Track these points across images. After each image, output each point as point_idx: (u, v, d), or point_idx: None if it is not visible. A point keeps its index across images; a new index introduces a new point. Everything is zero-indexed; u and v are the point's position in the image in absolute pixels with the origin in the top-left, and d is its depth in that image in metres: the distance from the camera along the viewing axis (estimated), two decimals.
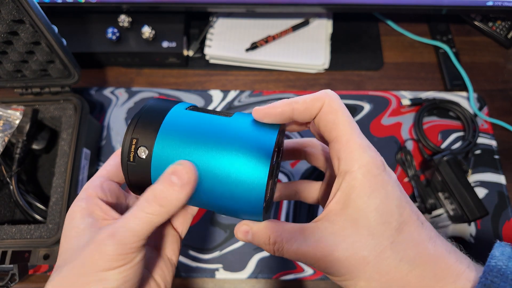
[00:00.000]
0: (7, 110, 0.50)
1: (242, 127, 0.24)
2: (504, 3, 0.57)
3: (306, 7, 0.58)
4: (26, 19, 0.44)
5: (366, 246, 0.21)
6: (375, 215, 0.21)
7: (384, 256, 0.21)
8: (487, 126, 0.60)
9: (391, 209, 0.21)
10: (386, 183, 0.22)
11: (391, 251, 0.21)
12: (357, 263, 0.21)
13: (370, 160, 0.22)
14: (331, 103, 0.22)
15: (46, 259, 0.45)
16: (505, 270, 0.20)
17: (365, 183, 0.21)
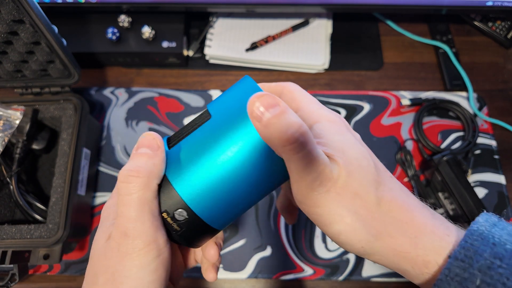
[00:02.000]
0: (7, 110, 0.50)
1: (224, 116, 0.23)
2: (504, 3, 0.57)
3: (306, 7, 0.58)
4: (26, 19, 0.44)
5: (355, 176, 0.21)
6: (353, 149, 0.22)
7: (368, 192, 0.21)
8: (487, 126, 0.60)
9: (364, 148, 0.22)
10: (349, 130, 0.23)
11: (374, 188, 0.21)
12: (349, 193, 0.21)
13: (330, 113, 0.23)
14: (289, 87, 0.25)
15: (46, 259, 0.45)
16: (486, 234, 0.20)
17: (332, 127, 0.22)
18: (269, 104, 0.19)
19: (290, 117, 0.19)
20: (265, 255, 0.52)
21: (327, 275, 0.51)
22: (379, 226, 0.21)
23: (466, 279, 0.19)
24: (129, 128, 0.60)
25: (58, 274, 0.52)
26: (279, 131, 0.18)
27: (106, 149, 0.59)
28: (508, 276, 0.18)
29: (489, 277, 0.18)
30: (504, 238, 0.20)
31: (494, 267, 0.18)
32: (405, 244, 0.21)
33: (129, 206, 0.20)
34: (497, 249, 0.19)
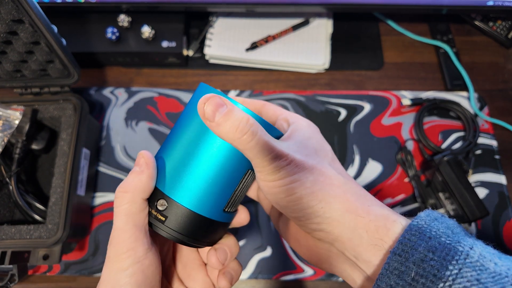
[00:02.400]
0: (7, 110, 0.50)
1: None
2: (504, 3, 0.57)
3: (306, 7, 0.58)
4: (26, 19, 0.44)
5: (314, 158, 0.25)
6: (316, 143, 0.27)
7: (326, 168, 0.25)
8: (487, 126, 0.60)
9: (326, 146, 0.27)
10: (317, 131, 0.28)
11: (331, 167, 0.25)
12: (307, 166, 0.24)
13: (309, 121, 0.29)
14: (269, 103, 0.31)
15: (45, 259, 0.45)
16: (425, 228, 0.21)
17: (306, 127, 0.27)
18: (218, 104, 0.22)
19: (237, 113, 0.22)
20: (265, 255, 0.52)
21: (327, 276, 0.51)
22: (338, 191, 0.24)
23: (403, 272, 0.20)
24: (128, 128, 0.60)
25: (58, 274, 0.52)
26: (230, 126, 0.22)
27: (105, 149, 0.59)
28: (438, 267, 0.19)
29: (422, 269, 0.20)
30: (440, 231, 0.21)
31: (426, 260, 0.20)
32: (360, 210, 0.23)
33: (117, 218, 0.24)
34: (431, 242, 0.20)
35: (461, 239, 0.20)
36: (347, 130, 0.60)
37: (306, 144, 0.26)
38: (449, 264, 0.19)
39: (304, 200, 0.23)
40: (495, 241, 0.52)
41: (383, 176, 0.56)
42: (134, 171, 0.25)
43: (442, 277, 0.19)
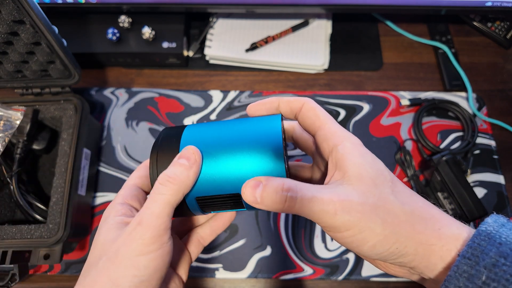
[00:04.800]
0: (8, 111, 0.50)
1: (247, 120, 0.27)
2: (503, 4, 0.57)
3: (305, 8, 0.59)
4: (27, 20, 0.44)
5: (373, 194, 0.23)
6: (372, 169, 0.24)
7: (389, 201, 0.23)
8: (486, 126, 0.60)
9: (381, 166, 0.25)
10: (368, 151, 0.26)
11: (394, 197, 0.23)
12: (370, 208, 0.23)
13: (351, 135, 0.26)
14: (309, 103, 0.27)
15: (46, 259, 0.45)
16: (494, 234, 0.21)
17: (354, 148, 0.25)
18: (253, 186, 0.23)
19: (272, 183, 0.23)
20: (265, 254, 0.52)
21: (326, 275, 0.51)
22: (407, 227, 0.23)
23: (473, 275, 0.20)
24: (129, 128, 0.60)
25: (59, 274, 0.52)
26: (269, 201, 0.23)
27: (106, 149, 0.59)
28: (511, 273, 0.20)
29: (493, 273, 0.20)
30: (510, 238, 0.21)
31: (498, 265, 0.20)
32: (431, 237, 0.23)
33: (156, 203, 0.24)
34: (502, 248, 0.21)
35: None
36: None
37: (361, 178, 0.23)
38: None
39: (378, 245, 0.23)
40: None
41: None
42: (183, 164, 0.25)
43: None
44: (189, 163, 0.24)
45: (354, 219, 0.22)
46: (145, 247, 0.23)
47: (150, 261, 0.23)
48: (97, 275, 0.23)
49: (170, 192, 0.24)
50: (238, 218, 0.54)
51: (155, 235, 0.23)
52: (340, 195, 0.23)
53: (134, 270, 0.22)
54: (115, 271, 0.23)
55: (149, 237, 0.23)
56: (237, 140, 0.26)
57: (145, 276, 0.23)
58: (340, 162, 0.24)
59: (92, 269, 0.24)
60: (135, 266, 0.23)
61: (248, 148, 0.25)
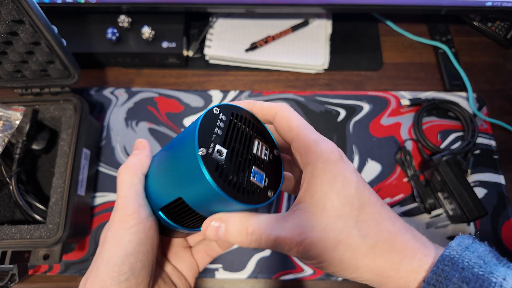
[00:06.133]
0: (7, 111, 0.50)
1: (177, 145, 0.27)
2: (503, 4, 0.57)
3: (305, 8, 0.59)
4: (26, 20, 0.44)
5: (336, 227, 0.23)
6: (339, 197, 0.23)
7: (351, 234, 0.23)
8: (486, 126, 0.60)
9: (351, 192, 0.24)
10: (344, 169, 0.24)
11: (357, 229, 0.23)
12: (331, 243, 0.23)
13: (326, 150, 0.24)
14: (283, 112, 0.26)
15: (46, 259, 0.45)
16: (457, 259, 0.22)
17: (325, 171, 0.24)
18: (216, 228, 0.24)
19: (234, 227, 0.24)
20: (265, 255, 0.52)
21: (326, 275, 0.51)
22: (366, 261, 0.23)
23: None
24: (129, 128, 0.60)
25: (58, 274, 0.52)
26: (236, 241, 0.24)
27: (106, 149, 0.59)
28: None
29: None
30: (473, 261, 0.22)
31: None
32: (390, 270, 0.23)
33: (120, 189, 0.27)
34: (465, 273, 0.21)
35: (493, 270, 0.21)
36: (346, 130, 0.60)
37: (324, 209, 0.23)
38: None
39: (337, 273, 0.25)
40: (494, 241, 0.53)
41: (382, 176, 0.56)
42: (134, 153, 0.29)
43: None
44: (138, 150, 0.29)
45: (314, 254, 0.23)
46: (124, 223, 0.25)
47: (132, 235, 0.25)
48: (94, 261, 0.26)
49: (128, 174, 0.27)
50: None
51: (130, 212, 0.26)
52: (301, 233, 0.23)
53: (120, 246, 0.25)
54: (106, 252, 0.25)
55: (126, 215, 0.26)
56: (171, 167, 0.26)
57: (130, 250, 0.25)
58: (308, 185, 0.24)
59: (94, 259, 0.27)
60: (120, 243, 0.25)
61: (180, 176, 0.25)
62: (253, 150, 0.26)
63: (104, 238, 0.27)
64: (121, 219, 0.26)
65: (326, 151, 0.24)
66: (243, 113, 0.27)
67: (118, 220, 0.26)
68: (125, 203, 0.26)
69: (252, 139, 0.26)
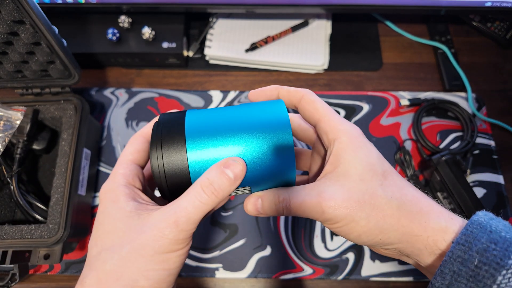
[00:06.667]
0: (8, 111, 0.50)
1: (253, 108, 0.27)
2: (502, 4, 0.57)
3: (305, 8, 0.59)
4: (27, 20, 0.44)
5: (359, 189, 0.25)
6: (362, 164, 0.25)
7: (376, 195, 0.25)
8: (485, 126, 0.60)
9: (374, 160, 0.26)
10: (366, 142, 0.27)
11: (382, 191, 0.25)
12: (356, 203, 0.24)
13: (350, 127, 0.27)
14: (308, 96, 0.28)
15: (46, 259, 0.45)
16: (485, 224, 0.23)
17: (349, 143, 0.26)
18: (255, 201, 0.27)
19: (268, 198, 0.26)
20: (265, 254, 0.52)
21: (326, 275, 0.51)
22: (392, 220, 0.24)
23: (467, 259, 0.22)
24: (129, 128, 0.60)
25: (59, 274, 0.52)
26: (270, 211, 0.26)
27: (106, 149, 0.59)
28: (501, 257, 0.21)
29: (485, 257, 0.22)
30: (500, 227, 0.23)
31: (489, 250, 0.22)
32: (417, 230, 0.24)
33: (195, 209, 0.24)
34: (493, 235, 0.22)
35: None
36: None
37: (348, 175, 0.25)
38: (511, 254, 0.21)
39: (363, 236, 0.25)
40: None
41: None
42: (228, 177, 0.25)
43: (504, 265, 0.21)
44: (234, 178, 0.24)
45: (340, 214, 0.24)
46: (177, 246, 0.24)
47: (179, 257, 0.24)
48: (123, 264, 0.23)
49: (210, 202, 0.24)
50: (238, 218, 0.54)
51: (188, 237, 0.24)
52: (326, 195, 0.25)
53: (165, 265, 0.24)
54: (145, 264, 0.23)
55: (182, 238, 0.24)
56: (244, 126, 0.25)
57: (173, 270, 0.24)
58: (334, 158, 0.26)
59: (115, 256, 0.24)
60: (166, 262, 0.24)
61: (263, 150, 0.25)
62: None
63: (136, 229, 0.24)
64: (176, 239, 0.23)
65: (349, 128, 0.27)
66: None
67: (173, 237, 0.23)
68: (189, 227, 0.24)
69: None
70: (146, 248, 0.23)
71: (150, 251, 0.23)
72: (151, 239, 0.23)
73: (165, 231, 0.23)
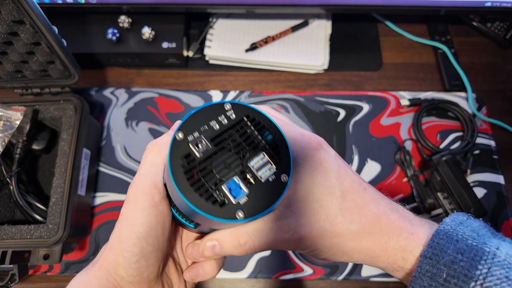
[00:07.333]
0: (8, 111, 0.50)
1: None
2: (502, 4, 0.57)
3: (305, 8, 0.59)
4: (26, 20, 0.44)
5: (320, 217, 0.24)
6: (319, 189, 0.25)
7: (336, 222, 0.24)
8: (485, 126, 0.60)
9: (332, 181, 0.25)
10: (324, 160, 0.25)
11: (341, 217, 0.25)
12: (317, 234, 0.24)
13: (305, 143, 0.26)
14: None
15: (46, 259, 0.45)
16: (451, 233, 0.23)
17: (305, 165, 0.25)
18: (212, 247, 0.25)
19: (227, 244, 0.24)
20: (265, 255, 0.52)
21: (326, 275, 0.51)
22: (353, 244, 0.25)
23: (435, 274, 0.22)
24: (129, 128, 0.60)
25: (58, 274, 0.52)
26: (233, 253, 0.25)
27: (106, 149, 0.59)
28: (468, 268, 0.21)
29: (453, 270, 0.21)
30: (467, 234, 0.23)
31: (456, 261, 0.21)
32: (378, 250, 0.25)
33: (142, 165, 0.26)
34: (459, 245, 0.22)
35: (486, 241, 0.22)
36: (346, 131, 0.60)
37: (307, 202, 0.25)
38: (478, 264, 0.21)
39: (329, 258, 0.26)
40: None
41: (382, 176, 0.57)
42: (168, 133, 0.27)
43: (473, 277, 0.20)
44: (172, 130, 0.26)
45: (305, 246, 0.25)
46: (137, 203, 0.25)
47: (144, 218, 0.24)
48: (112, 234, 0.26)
49: (154, 152, 0.26)
50: None
51: (144, 192, 0.25)
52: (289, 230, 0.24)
53: (133, 227, 0.24)
54: (119, 230, 0.25)
55: (140, 195, 0.25)
56: None
57: (142, 233, 0.24)
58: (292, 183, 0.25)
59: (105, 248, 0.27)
60: (133, 224, 0.24)
61: None
62: (250, 162, 0.23)
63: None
64: (135, 198, 0.25)
65: (304, 144, 0.26)
66: (266, 124, 0.24)
67: (132, 198, 0.25)
68: (142, 182, 0.25)
69: (258, 151, 0.23)
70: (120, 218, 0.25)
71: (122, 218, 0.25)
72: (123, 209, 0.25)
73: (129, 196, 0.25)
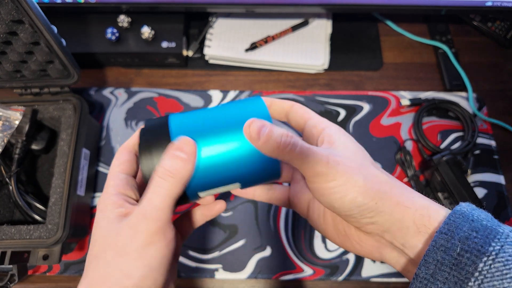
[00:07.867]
0: (7, 111, 0.50)
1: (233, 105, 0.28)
2: (503, 3, 0.57)
3: (305, 8, 0.58)
4: (26, 20, 0.44)
5: (357, 159, 0.27)
6: (354, 145, 0.28)
7: (370, 168, 0.27)
8: (486, 126, 0.60)
9: (363, 149, 0.29)
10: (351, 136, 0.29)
11: (373, 167, 0.27)
12: (356, 166, 0.26)
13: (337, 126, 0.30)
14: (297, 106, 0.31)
15: (45, 259, 0.45)
16: (467, 213, 0.24)
17: (338, 131, 0.29)
18: (260, 126, 0.25)
19: (277, 130, 0.25)
20: (265, 255, 0.52)
21: (326, 275, 0.51)
22: (386, 187, 0.26)
23: (449, 248, 0.23)
24: (128, 128, 0.60)
25: (58, 274, 0.52)
26: (275, 142, 0.24)
27: (105, 149, 0.59)
28: (482, 244, 0.22)
29: (467, 245, 0.22)
30: (482, 217, 0.24)
31: (471, 238, 0.22)
32: (407, 201, 0.26)
33: (158, 196, 0.25)
34: (474, 224, 0.23)
35: (500, 224, 0.24)
36: (346, 130, 0.59)
37: (347, 148, 0.27)
38: (491, 241, 0.22)
39: (359, 199, 0.25)
40: None
41: None
42: (180, 157, 0.25)
43: (485, 252, 0.22)
44: (186, 155, 0.25)
45: (342, 170, 0.25)
46: (151, 238, 0.24)
47: (157, 251, 0.24)
48: (108, 268, 0.24)
49: (171, 186, 0.25)
50: (237, 219, 0.54)
51: (160, 226, 0.24)
52: (331, 152, 0.26)
53: (144, 261, 0.24)
54: (126, 263, 0.23)
55: (154, 228, 0.24)
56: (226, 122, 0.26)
57: (154, 265, 0.24)
58: (328, 138, 0.28)
59: (100, 262, 0.24)
60: (144, 257, 0.24)
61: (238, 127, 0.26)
62: None
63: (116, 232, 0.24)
64: (148, 231, 0.24)
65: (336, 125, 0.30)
66: None
67: (145, 230, 0.24)
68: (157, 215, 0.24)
69: None
70: (124, 248, 0.24)
71: (128, 250, 0.24)
72: (128, 238, 0.24)
73: (137, 226, 0.24)
